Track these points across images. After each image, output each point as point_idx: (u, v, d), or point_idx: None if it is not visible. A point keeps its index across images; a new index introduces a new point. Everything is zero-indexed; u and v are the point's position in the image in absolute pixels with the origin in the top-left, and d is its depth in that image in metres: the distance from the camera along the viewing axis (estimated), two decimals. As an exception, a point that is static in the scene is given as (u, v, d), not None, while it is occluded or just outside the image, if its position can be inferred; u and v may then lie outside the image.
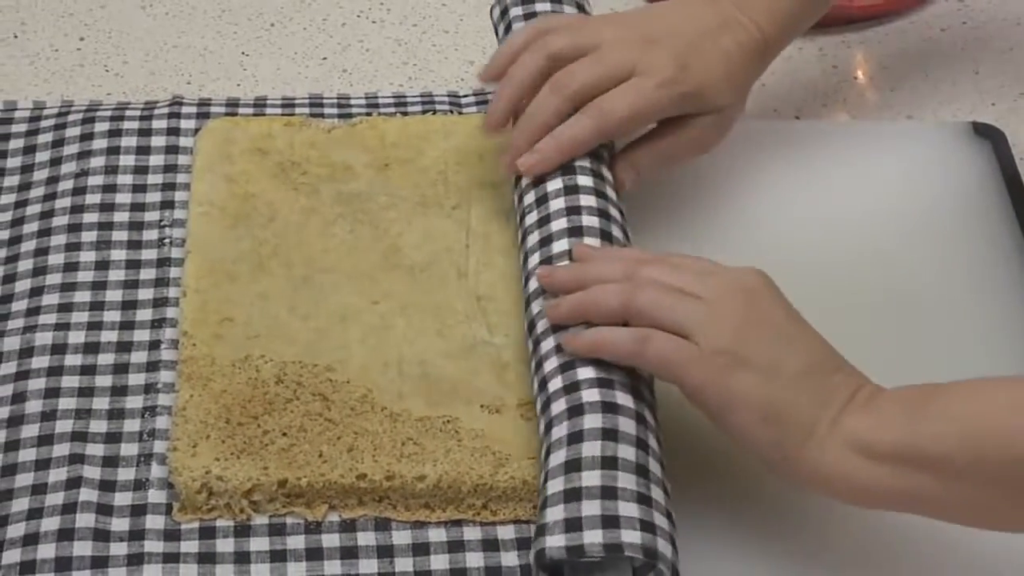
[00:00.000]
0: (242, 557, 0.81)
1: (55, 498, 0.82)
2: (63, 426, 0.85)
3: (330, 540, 0.82)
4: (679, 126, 0.93)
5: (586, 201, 0.88)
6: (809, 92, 1.09)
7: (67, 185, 0.98)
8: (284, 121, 1.01)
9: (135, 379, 0.88)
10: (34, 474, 0.83)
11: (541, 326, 0.83)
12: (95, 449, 0.84)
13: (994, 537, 0.76)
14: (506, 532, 0.82)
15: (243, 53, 1.12)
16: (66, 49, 1.11)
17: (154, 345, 0.90)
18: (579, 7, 1.01)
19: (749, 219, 0.99)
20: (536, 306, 0.84)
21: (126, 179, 0.98)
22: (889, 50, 1.13)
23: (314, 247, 0.94)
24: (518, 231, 0.91)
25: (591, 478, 0.76)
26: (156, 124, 1.02)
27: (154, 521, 0.82)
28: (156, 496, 0.83)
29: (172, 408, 0.86)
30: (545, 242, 0.87)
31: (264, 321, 0.89)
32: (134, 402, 0.87)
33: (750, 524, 0.83)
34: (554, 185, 0.90)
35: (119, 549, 0.80)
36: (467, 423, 0.85)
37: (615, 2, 1.15)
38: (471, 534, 0.82)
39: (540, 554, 0.75)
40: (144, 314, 0.91)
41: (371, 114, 1.03)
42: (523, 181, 0.92)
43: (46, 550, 0.80)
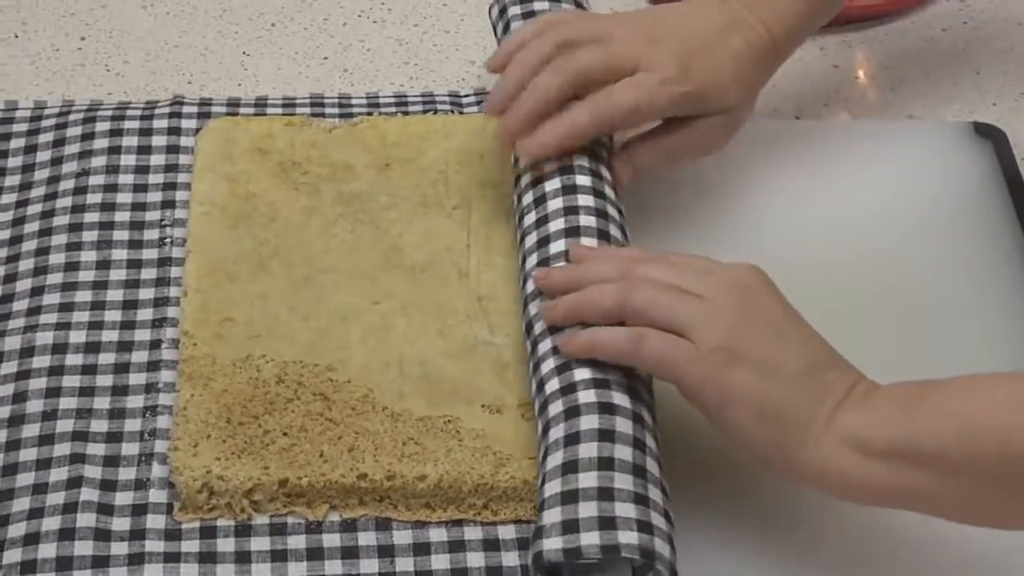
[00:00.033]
0: (243, 557, 0.81)
1: (56, 498, 0.82)
2: (64, 425, 0.85)
3: (331, 540, 0.82)
4: (684, 125, 0.93)
5: (584, 201, 0.88)
6: (810, 92, 1.09)
7: (68, 185, 0.98)
8: (285, 121, 1.01)
9: (136, 379, 0.88)
10: (35, 474, 0.83)
11: (538, 327, 0.83)
12: (96, 449, 0.84)
13: (990, 535, 0.76)
14: (507, 532, 0.82)
15: (244, 53, 1.12)
16: (67, 49, 1.11)
17: (155, 344, 0.90)
18: (577, 5, 1.00)
19: (749, 219, 0.99)
20: (533, 307, 0.84)
21: (127, 179, 0.98)
22: (890, 50, 1.13)
23: (315, 247, 0.94)
24: (517, 231, 0.91)
25: (588, 479, 0.76)
26: (157, 124, 1.02)
27: (155, 521, 0.82)
28: (157, 496, 0.83)
29: (173, 408, 0.86)
30: (543, 243, 0.87)
31: (265, 321, 0.89)
32: (135, 401, 0.87)
33: (747, 523, 0.83)
34: (552, 185, 0.90)
35: (120, 549, 0.80)
36: (468, 423, 0.85)
37: (615, 2, 1.15)
38: (472, 534, 0.82)
39: (538, 557, 0.75)
40: (145, 313, 0.91)
41: (372, 114, 1.03)
42: (522, 181, 0.92)
43: (47, 550, 0.80)
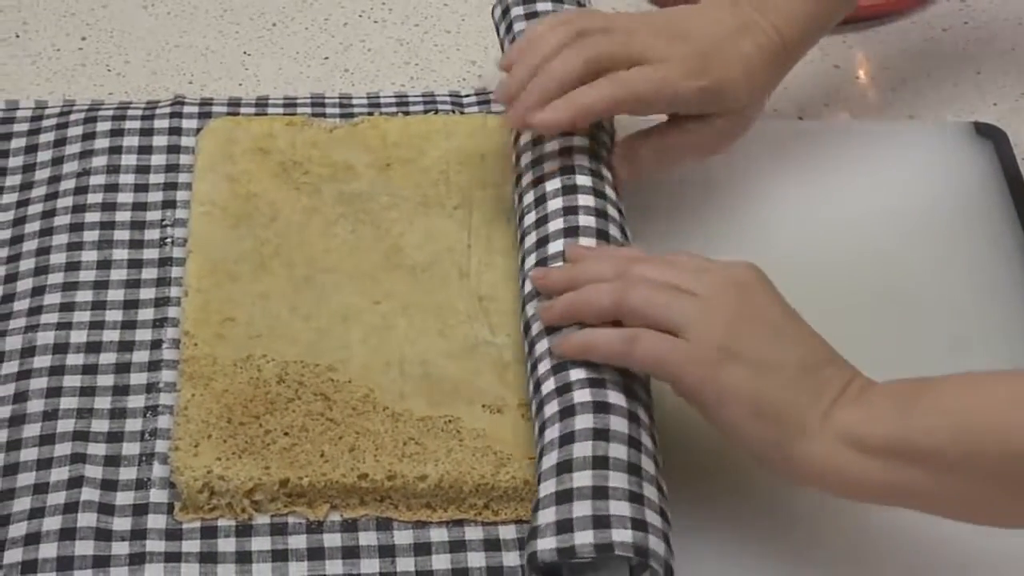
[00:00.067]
0: (244, 557, 0.81)
1: (57, 497, 0.82)
2: (65, 425, 0.85)
3: (332, 540, 0.82)
4: (690, 124, 0.92)
5: (584, 201, 0.88)
6: (811, 92, 1.09)
7: (69, 184, 0.98)
8: (286, 121, 1.01)
9: (137, 378, 0.88)
10: (36, 473, 0.83)
11: (536, 328, 0.83)
12: (97, 448, 0.84)
13: (985, 533, 0.76)
14: (507, 532, 0.82)
15: (245, 53, 1.12)
16: (68, 49, 1.11)
17: (156, 344, 0.90)
18: (579, 6, 1.00)
19: (751, 218, 0.99)
20: (531, 308, 0.84)
21: (128, 178, 0.98)
22: (891, 50, 1.13)
23: (316, 247, 0.94)
24: (517, 231, 0.91)
25: (582, 479, 0.76)
26: (158, 124, 1.02)
27: (156, 520, 0.82)
28: (158, 495, 0.83)
29: (174, 407, 0.86)
30: (542, 243, 0.87)
31: (266, 321, 0.89)
32: (136, 401, 0.87)
33: (743, 522, 0.83)
34: (553, 185, 0.89)
35: (121, 548, 0.80)
36: (469, 423, 0.85)
37: (616, 2, 1.15)
38: (473, 534, 0.82)
39: (532, 557, 0.75)
40: (146, 313, 0.91)
41: (373, 114, 1.03)
42: (523, 180, 0.91)
43: (48, 549, 0.80)
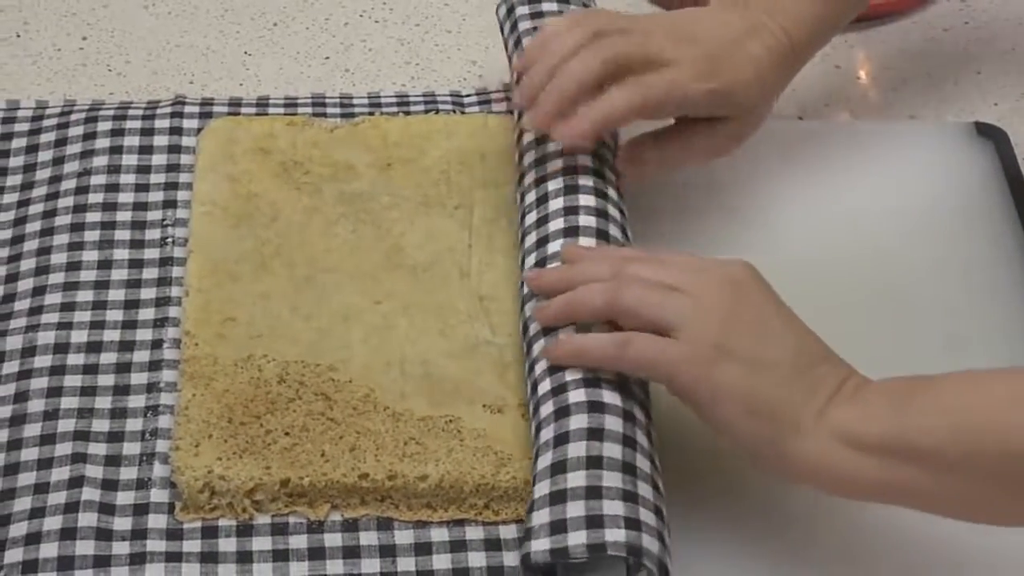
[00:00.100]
0: (244, 556, 0.81)
1: (57, 497, 0.82)
2: (65, 425, 0.85)
3: (332, 540, 0.82)
4: (701, 126, 0.92)
5: (585, 201, 0.88)
6: (811, 92, 1.09)
7: (69, 184, 0.98)
8: (287, 121, 1.01)
9: (137, 378, 0.88)
10: (36, 473, 0.83)
11: (532, 329, 0.83)
12: (97, 448, 0.84)
13: (982, 533, 0.76)
14: (508, 532, 0.82)
15: (246, 53, 1.12)
16: (69, 48, 1.11)
17: (156, 344, 0.90)
18: (585, 6, 1.00)
19: (751, 218, 0.99)
20: (528, 309, 0.84)
21: (128, 178, 0.98)
22: (891, 50, 1.13)
23: (316, 247, 0.94)
24: (518, 231, 0.91)
25: (576, 479, 0.76)
26: (159, 123, 1.02)
27: (156, 520, 0.82)
28: (158, 495, 0.83)
29: (174, 407, 0.86)
30: (542, 243, 0.87)
31: (266, 321, 0.89)
32: (136, 401, 0.87)
33: (738, 521, 0.83)
34: (555, 185, 0.89)
35: (121, 548, 0.80)
36: (469, 423, 0.85)
37: (618, 3, 1.15)
38: (473, 534, 0.82)
39: (526, 558, 0.75)
40: (146, 313, 0.91)
41: (373, 114, 1.03)
42: (525, 180, 0.92)
43: (48, 549, 0.80)
